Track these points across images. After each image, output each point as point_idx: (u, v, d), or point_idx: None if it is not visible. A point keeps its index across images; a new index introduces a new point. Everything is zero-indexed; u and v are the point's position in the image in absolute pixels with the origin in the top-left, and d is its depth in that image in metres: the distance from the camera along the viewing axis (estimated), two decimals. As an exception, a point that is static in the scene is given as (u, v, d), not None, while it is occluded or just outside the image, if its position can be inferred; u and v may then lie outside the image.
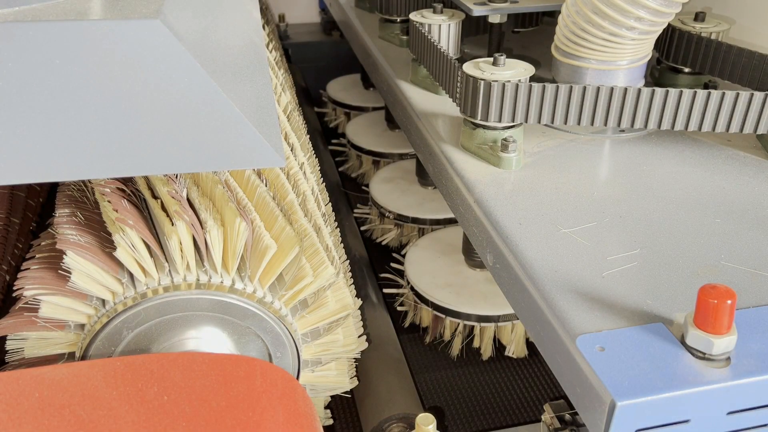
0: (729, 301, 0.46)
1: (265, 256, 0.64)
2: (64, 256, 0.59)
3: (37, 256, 0.64)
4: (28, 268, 0.63)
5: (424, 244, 1.11)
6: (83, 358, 0.64)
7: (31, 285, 0.61)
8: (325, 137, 1.63)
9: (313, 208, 0.79)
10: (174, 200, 0.64)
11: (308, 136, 1.04)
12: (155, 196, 0.66)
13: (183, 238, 0.62)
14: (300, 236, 0.68)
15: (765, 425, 0.48)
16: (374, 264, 1.18)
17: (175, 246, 0.61)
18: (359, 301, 0.76)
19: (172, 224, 0.62)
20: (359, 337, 0.76)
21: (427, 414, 0.64)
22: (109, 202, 0.64)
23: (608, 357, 0.47)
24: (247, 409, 0.52)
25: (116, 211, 0.63)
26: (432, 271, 1.04)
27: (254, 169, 0.72)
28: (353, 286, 0.81)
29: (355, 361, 0.80)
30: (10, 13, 0.47)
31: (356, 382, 0.78)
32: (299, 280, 0.68)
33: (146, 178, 0.68)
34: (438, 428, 0.63)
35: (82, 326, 0.64)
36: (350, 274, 0.86)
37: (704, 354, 0.47)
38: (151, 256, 0.62)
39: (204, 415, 0.51)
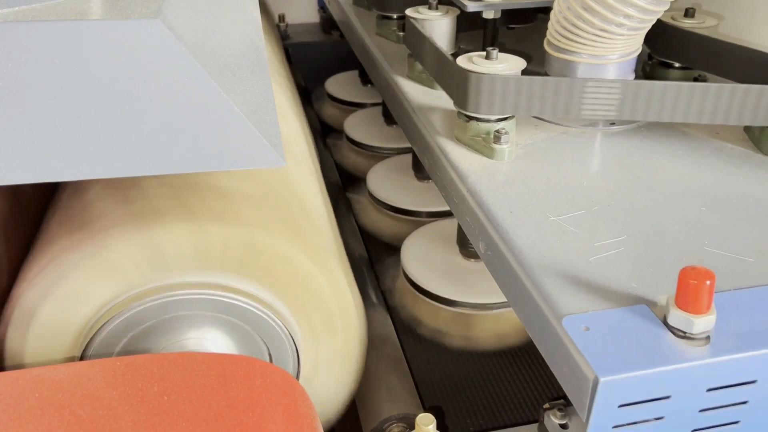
0: (708, 282, 0.47)
1: (265, 257, 0.65)
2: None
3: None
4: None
5: (419, 237, 1.13)
6: (83, 357, 0.64)
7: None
8: (324, 137, 1.64)
9: (314, 207, 0.80)
10: (175, 199, 0.65)
11: (309, 135, 1.05)
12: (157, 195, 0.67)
13: (183, 237, 0.62)
14: (301, 236, 0.69)
15: (743, 402, 0.50)
16: (374, 264, 1.19)
17: (175, 246, 0.62)
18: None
19: (173, 224, 0.63)
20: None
21: (427, 414, 0.64)
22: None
23: (593, 336, 0.49)
24: (246, 409, 0.52)
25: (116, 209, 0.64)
26: (428, 262, 1.06)
27: (256, 169, 0.72)
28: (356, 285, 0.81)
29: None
30: (10, 13, 0.46)
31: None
32: (300, 280, 0.68)
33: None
34: (438, 428, 0.63)
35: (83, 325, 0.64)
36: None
37: (685, 333, 0.48)
38: (152, 255, 0.63)
39: (204, 415, 0.51)
